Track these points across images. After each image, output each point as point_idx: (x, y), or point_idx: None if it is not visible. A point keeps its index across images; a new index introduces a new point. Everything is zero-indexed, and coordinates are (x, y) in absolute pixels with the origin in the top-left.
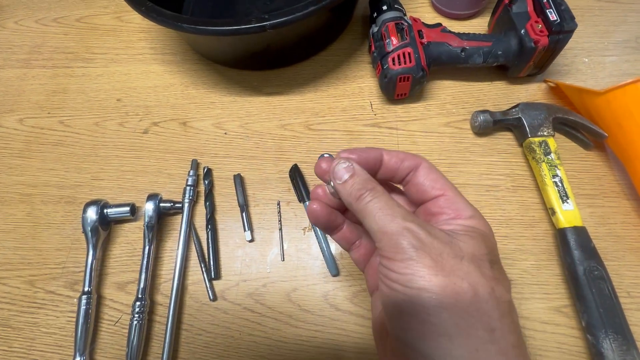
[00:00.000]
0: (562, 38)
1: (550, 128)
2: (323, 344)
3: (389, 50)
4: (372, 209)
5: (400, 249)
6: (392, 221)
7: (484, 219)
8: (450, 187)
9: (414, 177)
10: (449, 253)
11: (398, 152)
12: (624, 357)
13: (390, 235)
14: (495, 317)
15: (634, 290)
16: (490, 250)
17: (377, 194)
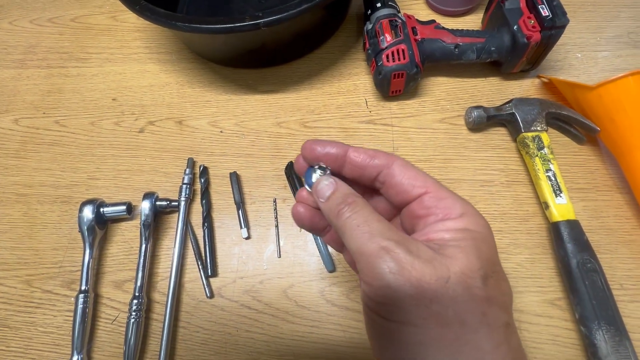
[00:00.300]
0: (554, 33)
1: (543, 123)
2: (320, 339)
3: (383, 47)
4: (350, 226)
5: (377, 274)
6: (370, 240)
7: (478, 215)
8: (432, 183)
9: (389, 177)
10: (431, 275)
11: (368, 150)
12: (617, 348)
13: (368, 257)
14: (487, 348)
15: (626, 282)
16: (485, 261)
17: (356, 207)
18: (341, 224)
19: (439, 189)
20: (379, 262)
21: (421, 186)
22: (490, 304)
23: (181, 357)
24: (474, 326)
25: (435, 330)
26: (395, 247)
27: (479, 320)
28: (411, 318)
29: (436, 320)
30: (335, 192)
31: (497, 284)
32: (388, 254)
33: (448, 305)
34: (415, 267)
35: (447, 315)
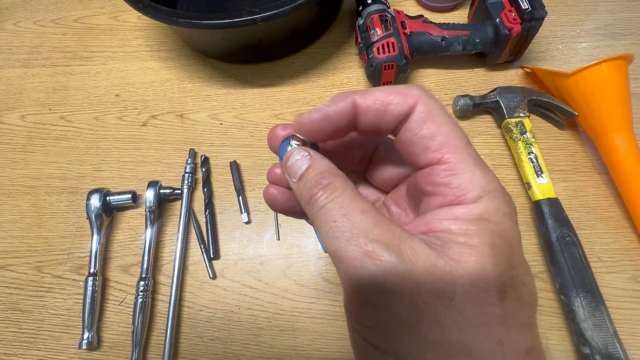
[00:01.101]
0: (533, 25)
1: (525, 110)
2: (318, 314)
3: (373, 41)
4: (325, 222)
5: (360, 288)
6: (350, 241)
7: (504, 197)
8: (455, 147)
9: (402, 131)
10: (429, 292)
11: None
12: (593, 312)
13: (346, 266)
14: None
15: (603, 255)
16: (504, 265)
17: (334, 193)
18: (314, 215)
19: (460, 159)
20: (361, 273)
21: (436, 151)
22: (509, 325)
23: (186, 334)
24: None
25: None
26: (383, 252)
27: (492, 350)
28: (402, 348)
29: (435, 352)
30: (309, 168)
31: (517, 295)
32: (373, 262)
33: (451, 332)
34: (408, 280)
35: (449, 345)
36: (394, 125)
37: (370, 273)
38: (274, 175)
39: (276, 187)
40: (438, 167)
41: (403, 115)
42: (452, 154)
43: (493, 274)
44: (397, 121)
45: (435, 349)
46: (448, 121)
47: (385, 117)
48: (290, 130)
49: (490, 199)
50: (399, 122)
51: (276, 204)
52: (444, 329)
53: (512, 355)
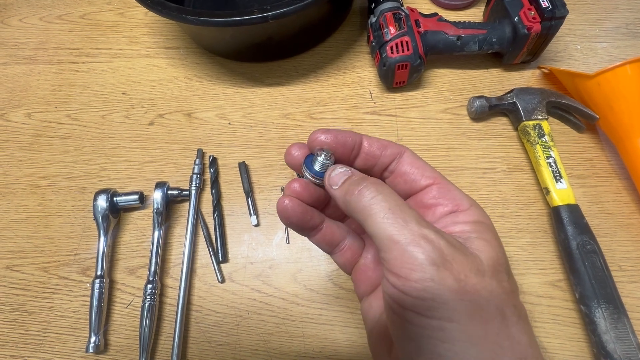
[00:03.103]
0: (554, 24)
1: (543, 112)
2: (329, 320)
3: (387, 39)
4: (377, 210)
5: (417, 265)
6: (405, 227)
7: (481, 207)
8: (439, 175)
9: (398, 166)
10: (471, 269)
11: (379, 139)
12: (615, 324)
13: (404, 246)
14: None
15: (625, 264)
16: (505, 255)
17: (381, 188)
18: (365, 204)
19: (446, 182)
20: (418, 252)
21: (429, 177)
22: (515, 295)
23: (194, 339)
24: (512, 320)
25: (480, 326)
26: (435, 236)
27: (514, 313)
28: (455, 315)
29: (480, 316)
30: (352, 176)
31: (512, 277)
32: (429, 243)
33: (489, 299)
34: (456, 259)
35: (489, 310)
36: (390, 161)
37: (428, 251)
38: (292, 189)
39: (293, 200)
40: (434, 186)
41: (396, 154)
42: (440, 179)
43: (503, 259)
44: (392, 158)
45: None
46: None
47: (383, 154)
48: (305, 150)
49: (476, 208)
50: (393, 159)
51: (291, 215)
52: (483, 297)
53: (523, 315)
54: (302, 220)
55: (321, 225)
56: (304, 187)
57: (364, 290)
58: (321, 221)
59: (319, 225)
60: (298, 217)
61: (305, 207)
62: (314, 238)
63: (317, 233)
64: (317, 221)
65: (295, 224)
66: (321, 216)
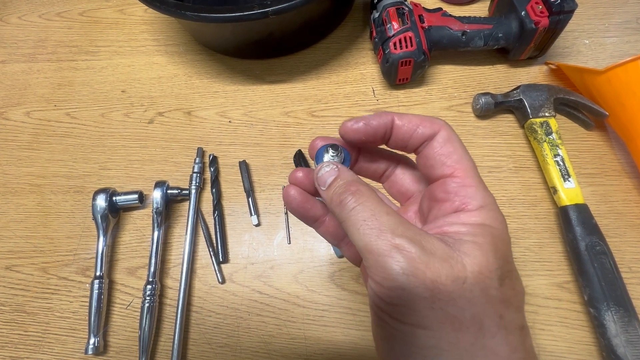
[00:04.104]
0: (562, 18)
1: (551, 109)
2: (330, 322)
3: (390, 35)
4: (355, 220)
5: (389, 274)
6: (379, 236)
7: (498, 210)
8: (464, 166)
9: (426, 148)
10: (448, 275)
11: (413, 116)
12: (626, 328)
13: (377, 256)
14: (504, 354)
15: (635, 265)
16: (502, 260)
17: (361, 197)
18: (345, 216)
19: (468, 175)
20: (390, 262)
21: (450, 167)
22: (507, 305)
23: (194, 340)
24: (491, 330)
25: (452, 334)
26: (408, 245)
27: (496, 323)
28: (426, 321)
29: (452, 325)
30: (337, 178)
31: (512, 284)
32: (400, 252)
33: (465, 308)
34: (430, 267)
35: (464, 318)
36: (420, 143)
37: (398, 262)
38: (295, 178)
39: (296, 188)
40: (451, 179)
41: (428, 136)
42: (461, 171)
43: (494, 265)
44: (423, 139)
45: (452, 321)
46: (463, 146)
47: (414, 136)
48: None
49: (488, 210)
50: (424, 141)
51: (292, 202)
52: (458, 305)
53: (510, 329)
54: (302, 209)
55: (324, 217)
56: (307, 175)
57: None
58: (324, 213)
59: (321, 216)
60: (298, 205)
61: (306, 196)
62: (319, 230)
63: (320, 225)
64: (318, 212)
65: (296, 212)
66: (325, 208)
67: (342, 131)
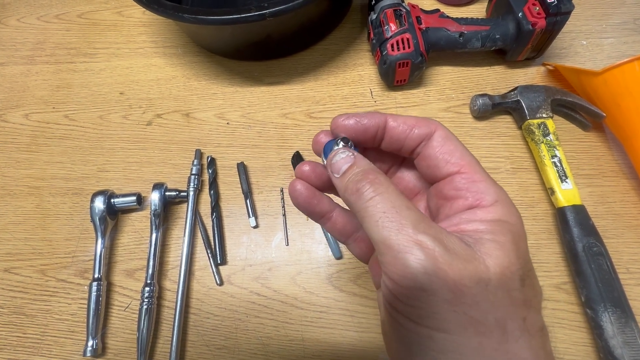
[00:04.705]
0: (559, 20)
1: (548, 110)
2: (328, 324)
3: (387, 37)
4: (374, 212)
5: (409, 272)
6: (400, 231)
7: (512, 204)
8: (469, 162)
9: (425, 149)
10: (471, 278)
11: (407, 118)
12: (623, 329)
13: (396, 252)
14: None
15: (632, 266)
16: (523, 260)
17: (380, 187)
18: (361, 206)
19: (475, 171)
20: (411, 259)
21: (455, 164)
22: (528, 307)
23: (192, 342)
24: (515, 334)
25: (475, 339)
26: (431, 242)
27: (520, 327)
28: (446, 325)
29: (475, 329)
30: (353, 165)
31: (532, 284)
32: (422, 250)
33: (489, 311)
34: (453, 267)
35: (487, 322)
36: (417, 144)
37: (420, 260)
38: (302, 172)
39: (302, 182)
40: (458, 175)
41: (425, 135)
42: (468, 167)
43: (516, 266)
44: (420, 140)
45: (476, 325)
46: (461, 143)
47: (410, 136)
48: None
49: (503, 204)
50: (421, 141)
51: (298, 197)
52: (481, 308)
53: (532, 331)
54: (309, 204)
55: (331, 213)
56: (313, 169)
57: (378, 280)
58: (331, 209)
59: (328, 212)
60: (304, 200)
61: (312, 191)
62: (326, 226)
63: (327, 221)
64: (325, 208)
65: (303, 208)
66: (332, 204)
67: (332, 126)
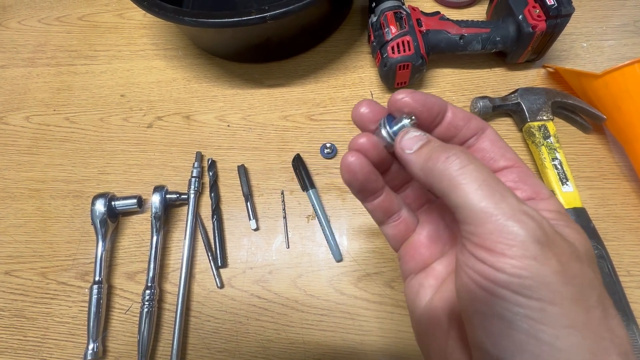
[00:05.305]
0: (559, 22)
1: (549, 112)
2: (329, 327)
3: (388, 39)
4: (469, 179)
5: (519, 241)
6: (503, 200)
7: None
8: (520, 160)
9: (479, 142)
10: (571, 254)
11: (464, 111)
12: None
13: (502, 220)
14: (623, 335)
15: (633, 269)
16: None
17: (471, 159)
18: (452, 173)
19: (526, 168)
20: (520, 228)
21: (510, 159)
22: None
23: (193, 345)
24: (611, 312)
25: (583, 314)
26: (536, 214)
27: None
28: (558, 298)
29: (584, 304)
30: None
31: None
32: (532, 220)
33: (591, 287)
34: (557, 242)
35: (591, 298)
36: (472, 135)
37: (532, 228)
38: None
39: (358, 155)
40: (514, 169)
41: (480, 129)
42: (520, 163)
43: (592, 251)
44: (475, 131)
45: (583, 300)
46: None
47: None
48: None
49: (555, 199)
50: (475, 134)
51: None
52: (585, 285)
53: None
54: (367, 180)
55: (381, 191)
56: (373, 143)
57: (413, 267)
58: (382, 187)
59: (379, 190)
60: (365, 176)
61: (371, 166)
62: (371, 204)
63: (375, 198)
64: (379, 185)
65: (360, 183)
66: (382, 181)
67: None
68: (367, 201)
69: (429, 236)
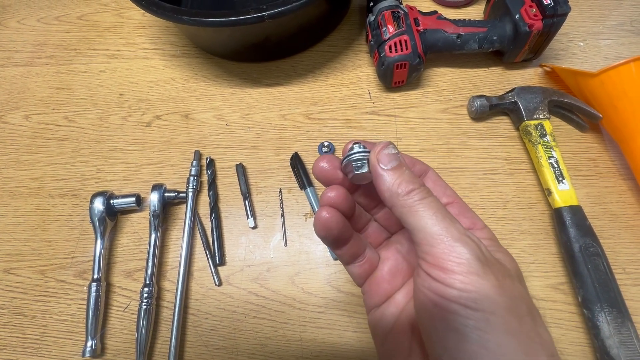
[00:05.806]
0: (556, 22)
1: (545, 111)
2: (326, 324)
3: (385, 38)
4: (426, 208)
5: (464, 259)
6: (453, 225)
7: None
8: (458, 196)
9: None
10: (503, 273)
11: (408, 156)
12: (619, 329)
13: (451, 241)
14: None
15: (629, 267)
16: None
17: (429, 193)
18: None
19: (463, 202)
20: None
21: (450, 195)
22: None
23: (191, 343)
24: (539, 321)
25: (516, 321)
26: (476, 238)
27: (538, 314)
28: (496, 308)
29: (516, 313)
30: (402, 166)
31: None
32: (474, 242)
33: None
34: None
35: (522, 308)
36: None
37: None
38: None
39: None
40: (454, 204)
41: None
42: (458, 199)
43: (516, 265)
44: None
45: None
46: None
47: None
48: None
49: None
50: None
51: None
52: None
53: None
54: (341, 233)
55: (351, 238)
56: (343, 196)
57: (376, 301)
58: (351, 234)
59: (349, 237)
60: (339, 230)
61: (344, 219)
62: (341, 250)
63: (344, 245)
64: (350, 233)
65: (334, 237)
66: (352, 229)
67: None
68: (338, 249)
69: (390, 271)
